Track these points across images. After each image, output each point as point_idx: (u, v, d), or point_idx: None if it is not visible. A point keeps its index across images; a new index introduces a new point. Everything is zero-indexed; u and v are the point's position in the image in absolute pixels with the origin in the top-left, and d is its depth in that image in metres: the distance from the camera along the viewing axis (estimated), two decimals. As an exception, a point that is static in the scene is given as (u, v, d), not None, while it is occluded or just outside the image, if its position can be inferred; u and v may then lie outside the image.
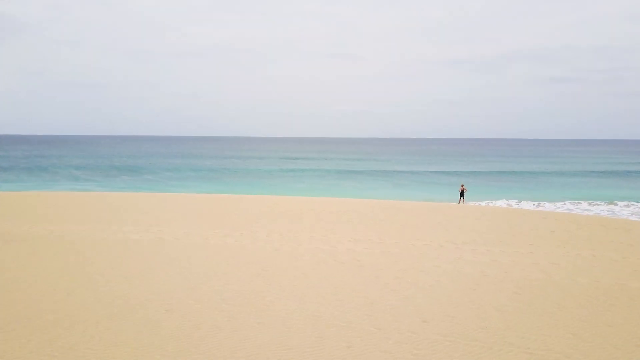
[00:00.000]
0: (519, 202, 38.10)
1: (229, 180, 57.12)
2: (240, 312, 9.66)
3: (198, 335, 8.53)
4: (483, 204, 36.15)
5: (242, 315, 9.47)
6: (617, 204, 37.73)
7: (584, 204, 37.91)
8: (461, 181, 39.59)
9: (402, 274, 12.74)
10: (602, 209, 35.34)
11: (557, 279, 12.55)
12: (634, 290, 11.70)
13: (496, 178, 61.78)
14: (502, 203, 37.24)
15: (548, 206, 36.42)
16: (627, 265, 14.25)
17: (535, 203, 37.95)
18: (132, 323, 8.96)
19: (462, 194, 31.73)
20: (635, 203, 38.04)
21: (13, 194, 32.65)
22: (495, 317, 9.59)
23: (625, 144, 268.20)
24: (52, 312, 9.44)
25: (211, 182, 55.22)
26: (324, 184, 53.52)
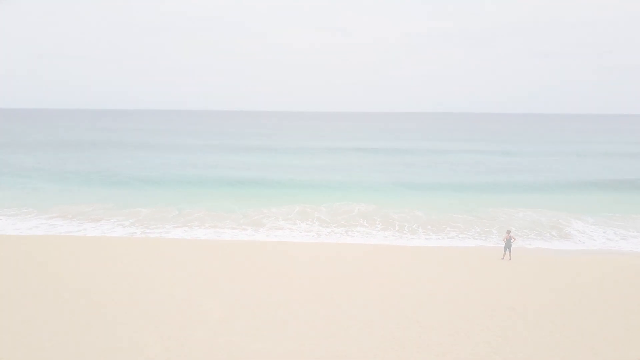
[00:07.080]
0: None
1: (190, 190, 48.82)
2: None
3: None
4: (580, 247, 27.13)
5: None
6: None
7: None
8: (506, 227, 28.51)
9: None
10: None
11: None
12: None
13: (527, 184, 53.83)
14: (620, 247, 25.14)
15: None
16: None
17: None
18: None
19: (507, 245, 22.95)
20: None
21: None
22: None
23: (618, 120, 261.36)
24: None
25: (176, 185, 46.74)
26: (305, 181, 45.32)
